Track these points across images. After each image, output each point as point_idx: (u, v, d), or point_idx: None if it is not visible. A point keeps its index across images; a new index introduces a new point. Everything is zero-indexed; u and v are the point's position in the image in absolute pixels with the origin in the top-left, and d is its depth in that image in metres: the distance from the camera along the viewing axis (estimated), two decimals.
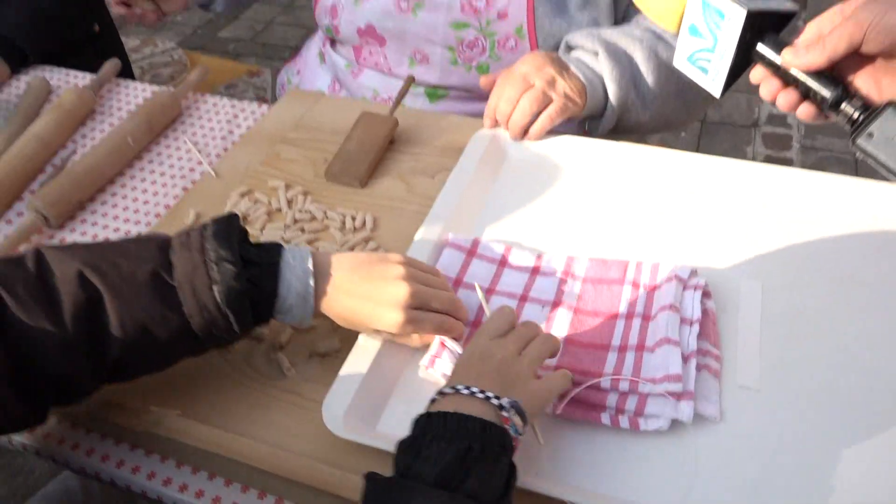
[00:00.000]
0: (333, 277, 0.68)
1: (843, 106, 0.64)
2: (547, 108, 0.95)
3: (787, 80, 0.66)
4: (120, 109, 1.19)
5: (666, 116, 1.07)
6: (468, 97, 1.14)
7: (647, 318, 0.73)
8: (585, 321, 0.75)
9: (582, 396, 0.66)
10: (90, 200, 1.01)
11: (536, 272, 0.80)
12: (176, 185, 1.03)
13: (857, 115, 0.63)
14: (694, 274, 0.77)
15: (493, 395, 0.56)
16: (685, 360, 0.68)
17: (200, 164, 1.05)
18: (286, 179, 0.98)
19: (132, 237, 0.68)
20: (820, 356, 0.71)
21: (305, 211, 0.93)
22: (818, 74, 0.64)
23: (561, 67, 0.97)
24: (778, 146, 2.55)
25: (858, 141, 0.63)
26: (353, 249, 0.87)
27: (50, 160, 1.08)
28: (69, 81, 1.27)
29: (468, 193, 0.90)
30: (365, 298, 0.67)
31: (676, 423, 0.65)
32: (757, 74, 0.69)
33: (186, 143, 1.10)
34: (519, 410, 0.57)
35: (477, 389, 0.56)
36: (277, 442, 0.66)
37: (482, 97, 1.07)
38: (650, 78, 1.02)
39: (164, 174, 1.05)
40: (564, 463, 0.64)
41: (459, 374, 0.62)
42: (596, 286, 0.78)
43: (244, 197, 0.96)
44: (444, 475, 0.49)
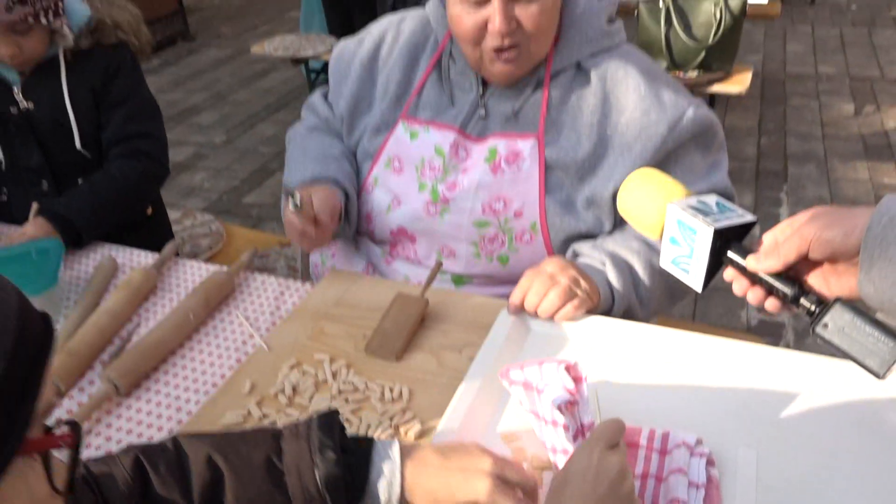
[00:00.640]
0: (422, 456, 0.77)
1: (801, 301, 0.78)
2: (571, 300, 1.09)
3: (753, 279, 0.82)
4: (178, 286, 1.34)
5: (656, 309, 1.25)
6: (489, 282, 1.29)
7: (659, 479, 0.84)
8: None
9: None
10: (153, 370, 1.13)
11: (566, 429, 0.91)
12: (231, 356, 1.15)
13: (813, 308, 0.78)
14: (699, 442, 0.88)
15: None
16: None
17: (252, 337, 1.19)
18: (330, 353, 1.11)
19: (250, 429, 0.79)
20: None
21: (348, 382, 1.05)
22: (778, 275, 0.80)
23: (580, 271, 1.15)
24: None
25: (817, 330, 0.77)
26: (392, 419, 0.98)
27: (118, 332, 1.21)
28: (133, 260, 1.43)
29: (496, 366, 1.02)
30: (453, 470, 0.76)
31: None
32: (729, 274, 0.84)
33: (239, 317, 1.24)
34: None
35: None
36: None
37: (502, 282, 1.23)
38: (647, 283, 1.20)
39: (219, 346, 1.18)
40: None
41: (575, 493, 0.68)
42: None
43: (293, 369, 1.08)
44: None
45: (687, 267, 0.87)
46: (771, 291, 0.81)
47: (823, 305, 0.77)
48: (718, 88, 3.22)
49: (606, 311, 1.17)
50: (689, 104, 1.20)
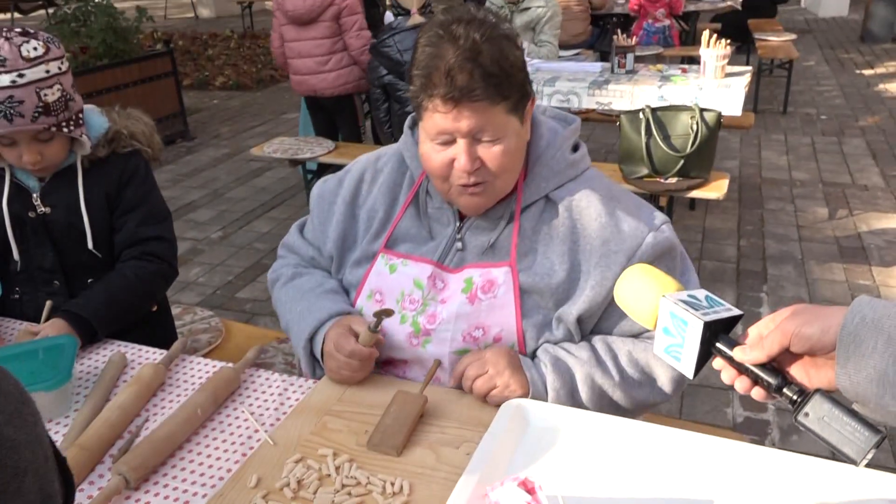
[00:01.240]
0: None
1: (784, 390, 0.86)
2: (493, 390, 1.24)
3: (741, 369, 0.89)
4: (185, 382, 1.39)
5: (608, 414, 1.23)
6: None
7: None
8: None
9: None
10: (162, 464, 1.17)
11: None
12: (237, 450, 1.20)
13: (795, 397, 0.85)
14: None
15: None
16: None
17: (258, 431, 1.24)
18: (333, 447, 1.16)
19: None
20: None
21: (351, 477, 1.10)
22: (763, 366, 0.88)
23: (515, 367, 1.26)
24: (756, 408, 2.75)
25: (798, 418, 0.84)
26: None
27: (127, 427, 1.26)
28: (142, 356, 1.49)
29: (494, 460, 1.08)
30: None
31: None
32: (718, 363, 0.92)
33: (245, 412, 1.29)
34: None
35: None
36: None
37: None
38: (584, 395, 1.28)
39: (225, 441, 1.23)
40: None
41: None
42: None
43: (298, 463, 1.13)
44: None
45: (679, 355, 0.94)
46: (756, 381, 0.89)
47: (804, 395, 0.85)
48: (697, 194, 3.39)
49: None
50: (649, 230, 1.28)
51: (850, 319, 0.80)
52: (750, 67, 4.30)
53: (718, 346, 0.91)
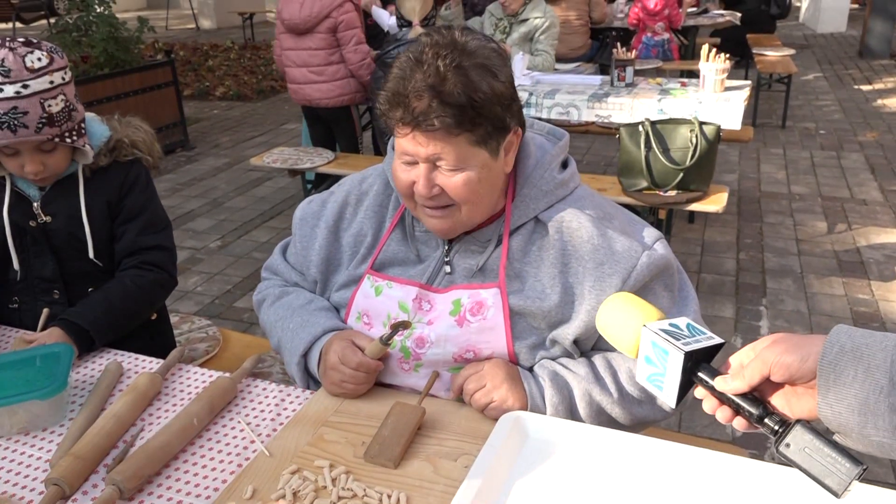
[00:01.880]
0: None
1: (765, 420, 0.85)
2: (490, 403, 1.24)
3: (722, 399, 0.89)
4: (182, 391, 1.38)
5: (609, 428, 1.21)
6: None
7: None
8: None
9: None
10: (157, 474, 1.16)
11: None
12: (232, 461, 1.19)
13: (776, 427, 0.84)
14: None
15: None
16: None
17: (254, 442, 1.23)
18: (330, 459, 1.15)
19: None
20: None
21: (348, 489, 1.09)
22: (744, 396, 0.87)
23: (513, 380, 1.25)
24: None
25: (780, 449, 0.84)
26: None
27: (122, 436, 1.25)
28: (138, 365, 1.48)
29: (492, 472, 1.07)
30: None
31: None
32: (700, 392, 0.92)
33: (241, 422, 1.28)
34: None
35: None
36: None
37: None
38: (583, 412, 1.26)
39: (221, 451, 1.21)
40: None
41: None
42: None
43: (294, 475, 1.12)
44: None
45: (661, 384, 0.94)
46: (738, 411, 0.88)
47: (786, 426, 0.84)
48: (697, 207, 3.39)
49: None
50: (643, 250, 1.25)
51: (828, 349, 0.80)
52: (749, 82, 4.31)
53: (700, 375, 0.91)
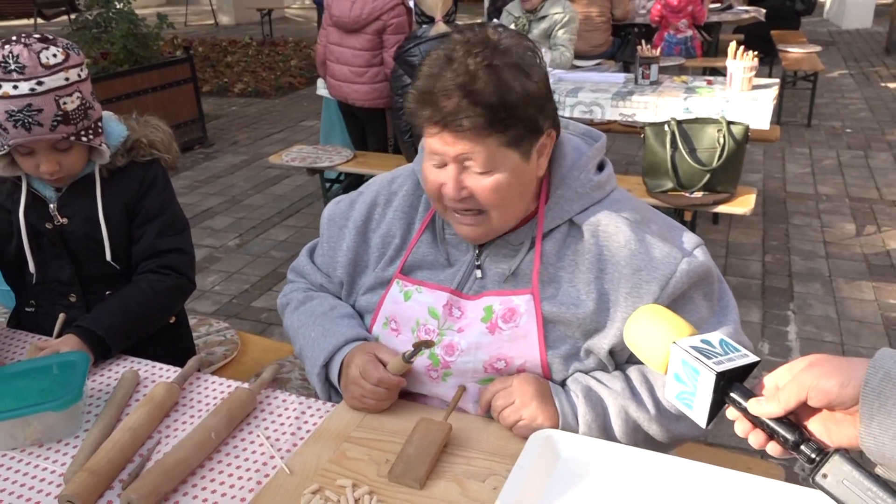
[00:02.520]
0: None
1: (801, 447, 0.79)
2: (520, 421, 1.18)
3: (756, 422, 0.83)
4: (200, 402, 1.34)
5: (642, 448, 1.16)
6: None
7: None
8: None
9: None
10: (173, 491, 1.12)
11: None
12: (251, 478, 1.14)
13: (813, 456, 0.78)
14: None
15: None
16: None
17: (273, 458, 1.18)
18: (352, 477, 1.11)
19: None
20: None
21: None
22: (780, 420, 0.81)
23: (543, 396, 1.19)
24: None
25: (816, 479, 0.78)
26: None
27: (138, 450, 1.21)
28: (155, 373, 1.44)
29: (524, 496, 1.01)
30: None
31: None
32: (732, 414, 0.86)
33: (261, 436, 1.24)
34: None
35: None
36: None
37: None
38: (618, 430, 1.20)
39: (239, 467, 1.17)
40: None
41: None
42: None
43: (315, 495, 1.07)
44: None
45: (690, 403, 0.88)
46: (772, 436, 0.82)
47: (823, 454, 0.78)
48: (724, 209, 3.31)
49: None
50: (682, 256, 1.20)
51: (872, 374, 0.74)
52: (777, 80, 4.22)
53: (733, 395, 0.85)
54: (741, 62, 3.84)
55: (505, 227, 1.23)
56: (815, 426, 0.81)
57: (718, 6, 7.57)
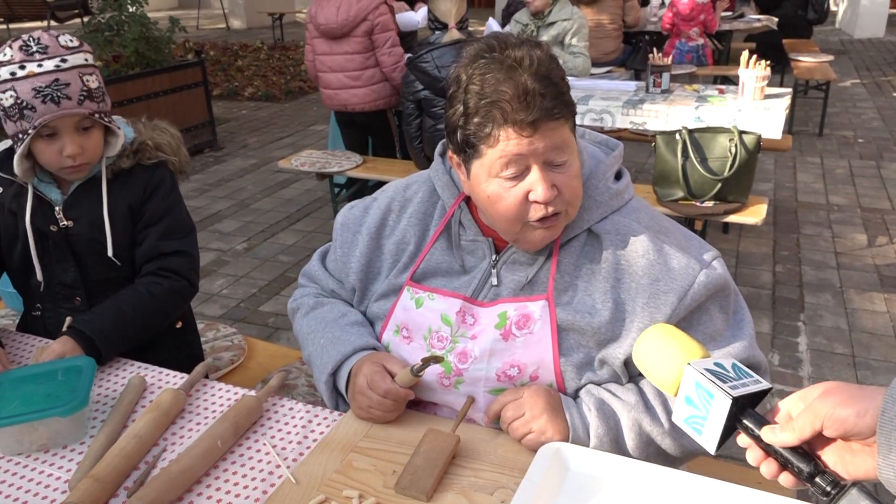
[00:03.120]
0: None
1: (816, 479, 0.77)
2: (529, 434, 1.17)
3: (768, 450, 0.81)
4: (206, 409, 1.33)
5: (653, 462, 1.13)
6: None
7: None
8: None
9: None
10: (178, 500, 1.11)
11: None
12: (257, 487, 1.13)
13: (829, 489, 0.76)
14: None
15: None
16: None
17: (279, 467, 1.17)
18: (359, 488, 1.09)
19: None
20: None
21: None
22: (793, 450, 0.79)
23: (554, 409, 1.17)
24: None
25: None
26: None
27: (144, 457, 1.20)
28: (162, 379, 1.43)
29: None
30: None
31: None
32: (744, 441, 0.84)
33: (267, 445, 1.23)
34: None
35: None
36: None
37: None
38: (630, 443, 1.18)
39: (245, 476, 1.16)
40: None
41: None
42: None
43: None
44: None
45: (700, 428, 0.86)
46: (786, 466, 0.80)
47: (840, 487, 0.76)
48: (735, 219, 3.29)
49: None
50: (700, 268, 1.19)
51: (890, 403, 0.72)
52: (789, 89, 4.19)
53: (745, 422, 0.83)
54: (753, 71, 3.82)
55: (568, 223, 1.21)
56: (829, 457, 0.79)
57: (730, 14, 7.55)
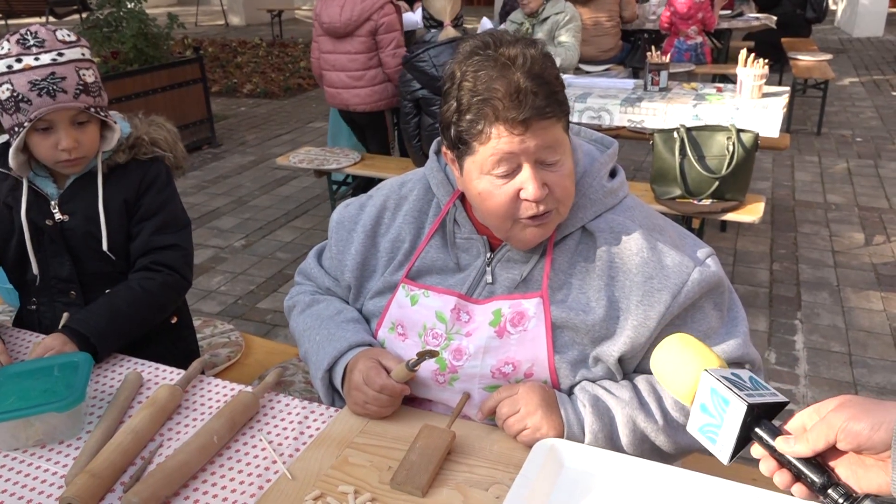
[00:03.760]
0: None
1: (829, 491, 0.78)
2: (524, 430, 1.17)
3: (782, 462, 0.81)
4: (203, 405, 1.34)
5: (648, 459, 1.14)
6: None
7: None
8: None
9: None
10: (175, 495, 1.11)
11: None
12: (253, 482, 1.14)
13: (841, 501, 0.77)
14: None
15: None
16: None
17: (275, 463, 1.17)
18: (354, 484, 1.10)
19: None
20: None
21: None
22: (807, 461, 0.79)
23: (549, 406, 1.18)
24: None
25: None
26: None
27: (140, 452, 1.20)
28: (158, 375, 1.43)
29: (528, 502, 1.01)
30: None
31: None
32: (757, 452, 0.85)
33: (263, 441, 1.23)
34: None
35: None
36: None
37: None
38: (625, 440, 1.19)
39: (241, 472, 1.16)
40: None
41: None
42: None
43: (317, 501, 1.07)
44: None
45: (714, 437, 0.87)
46: (799, 477, 0.81)
47: (852, 500, 0.76)
48: (732, 217, 3.29)
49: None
50: (694, 265, 1.19)
51: None
52: (787, 88, 4.19)
53: (759, 432, 0.84)
54: (751, 70, 3.82)
55: (560, 222, 1.21)
56: (842, 470, 0.80)
57: (729, 13, 7.55)
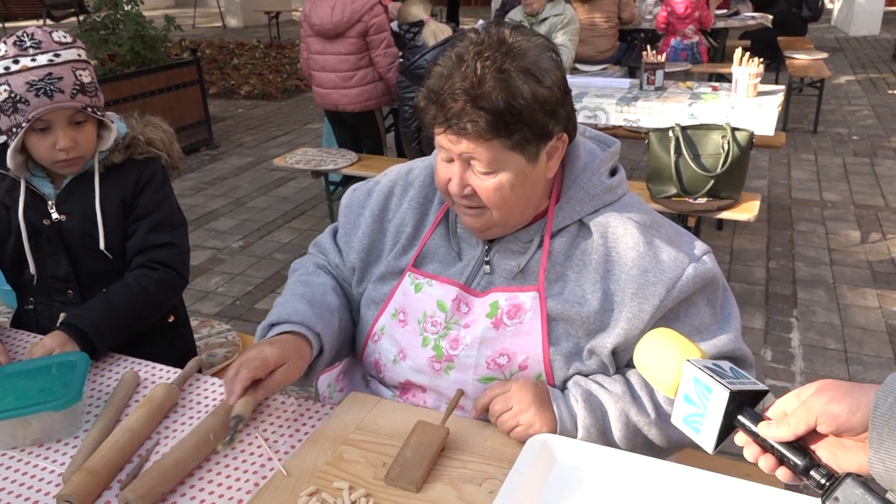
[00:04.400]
0: None
1: (811, 472, 0.80)
2: (517, 427, 1.18)
3: (765, 447, 0.83)
4: (199, 403, 1.35)
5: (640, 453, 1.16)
6: None
7: None
8: None
9: None
10: (171, 492, 1.12)
11: None
12: (249, 479, 1.15)
13: (823, 481, 0.79)
14: None
15: None
16: None
17: (271, 459, 1.18)
18: (349, 480, 1.11)
19: None
20: None
21: None
22: (789, 445, 0.81)
23: (542, 402, 1.19)
24: None
25: (828, 503, 0.77)
26: None
27: (137, 450, 1.21)
28: (155, 374, 1.44)
29: (519, 499, 1.01)
30: None
31: None
32: (741, 439, 0.86)
33: (258, 438, 1.24)
34: None
35: None
36: None
37: None
38: (617, 434, 1.20)
39: (237, 469, 1.17)
40: None
41: None
42: None
43: (312, 497, 1.08)
44: None
45: (699, 426, 0.88)
46: (782, 461, 0.82)
47: (834, 479, 0.78)
48: (727, 215, 3.31)
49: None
50: (689, 261, 1.20)
51: (882, 399, 0.74)
52: (783, 87, 4.21)
53: (741, 419, 0.85)
54: (746, 68, 3.84)
55: (509, 225, 1.25)
56: (822, 452, 0.81)
57: (725, 12, 7.56)
